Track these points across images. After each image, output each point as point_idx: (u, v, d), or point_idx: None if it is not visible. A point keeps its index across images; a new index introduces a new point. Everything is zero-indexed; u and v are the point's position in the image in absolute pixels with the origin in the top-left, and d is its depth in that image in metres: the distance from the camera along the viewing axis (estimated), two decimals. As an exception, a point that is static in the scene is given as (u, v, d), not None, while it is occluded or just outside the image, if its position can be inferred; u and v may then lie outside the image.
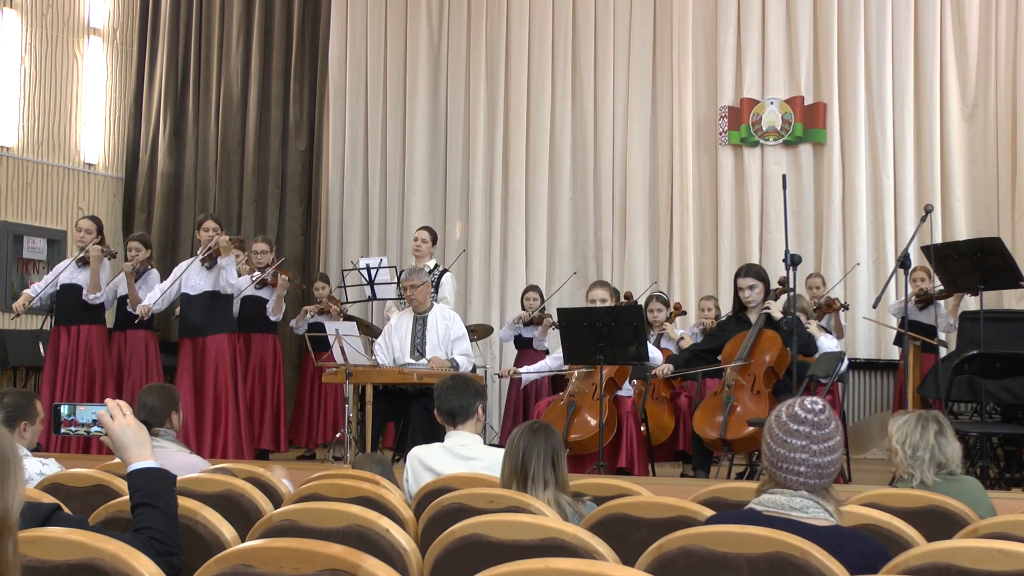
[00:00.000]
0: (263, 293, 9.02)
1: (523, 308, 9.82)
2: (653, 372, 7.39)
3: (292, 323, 10.20)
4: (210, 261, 8.42)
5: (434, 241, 9.37)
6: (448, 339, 7.85)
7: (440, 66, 12.02)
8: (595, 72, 11.57)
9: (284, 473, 4.58)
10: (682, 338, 8.59)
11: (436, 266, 9.23)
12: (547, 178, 11.59)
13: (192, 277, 8.49)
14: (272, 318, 9.12)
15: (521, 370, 8.12)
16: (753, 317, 7.18)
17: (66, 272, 8.51)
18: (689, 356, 7.49)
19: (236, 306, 8.87)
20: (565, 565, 2.01)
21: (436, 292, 8.94)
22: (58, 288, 8.53)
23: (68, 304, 8.47)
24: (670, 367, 7.30)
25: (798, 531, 2.50)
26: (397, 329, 7.99)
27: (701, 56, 11.27)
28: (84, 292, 8.42)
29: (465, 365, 7.79)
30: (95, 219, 8.75)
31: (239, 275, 8.60)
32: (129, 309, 8.56)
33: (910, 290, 8.18)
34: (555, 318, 9.34)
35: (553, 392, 8.89)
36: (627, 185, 11.38)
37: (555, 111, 11.64)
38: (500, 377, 8.39)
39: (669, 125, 11.28)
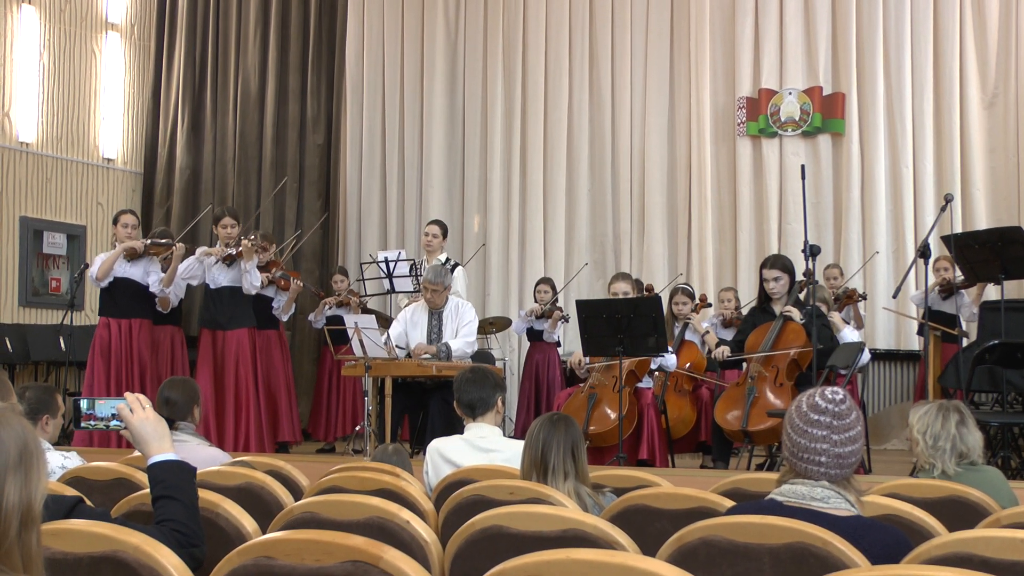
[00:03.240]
0: (267, 291, 9.03)
1: (535, 301, 9.80)
2: (712, 354, 7.34)
3: (310, 317, 10.21)
4: (230, 261, 8.47)
5: (444, 234, 9.34)
6: (457, 327, 7.88)
7: (457, 58, 12.01)
8: (612, 63, 11.54)
9: None
10: (707, 331, 8.52)
11: (447, 260, 9.20)
12: (565, 170, 11.56)
13: (213, 272, 8.56)
14: (282, 318, 9.16)
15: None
16: (778, 309, 7.15)
17: (118, 266, 8.43)
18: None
19: None
20: (586, 556, 2.00)
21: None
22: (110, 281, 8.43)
23: (121, 297, 8.42)
24: (727, 349, 7.23)
25: (819, 521, 2.49)
26: (413, 323, 7.99)
27: (719, 46, 11.22)
28: (155, 285, 8.39)
29: (461, 350, 7.77)
30: (135, 213, 8.85)
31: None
32: (158, 307, 8.60)
33: (933, 280, 8.14)
34: (566, 311, 9.34)
35: (565, 384, 8.88)
36: (645, 177, 11.35)
37: (572, 103, 11.61)
38: (575, 370, 8.24)
39: (687, 116, 11.24)
